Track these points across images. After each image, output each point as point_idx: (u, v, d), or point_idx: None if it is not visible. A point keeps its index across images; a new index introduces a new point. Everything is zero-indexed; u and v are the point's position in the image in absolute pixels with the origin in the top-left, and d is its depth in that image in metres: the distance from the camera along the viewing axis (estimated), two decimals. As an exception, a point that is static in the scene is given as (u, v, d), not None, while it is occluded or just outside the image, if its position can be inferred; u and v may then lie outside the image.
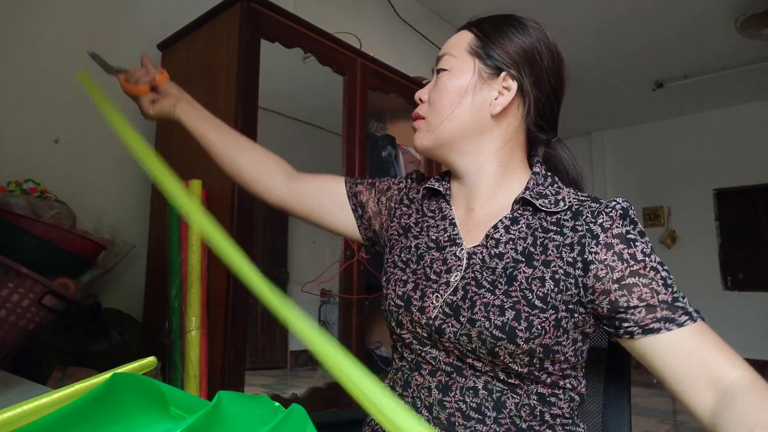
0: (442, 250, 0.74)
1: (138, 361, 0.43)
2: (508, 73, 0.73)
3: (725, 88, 4.73)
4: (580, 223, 0.68)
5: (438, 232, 0.77)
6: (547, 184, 0.74)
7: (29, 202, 1.38)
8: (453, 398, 0.67)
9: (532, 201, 0.71)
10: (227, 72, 1.52)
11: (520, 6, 3.36)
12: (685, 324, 0.60)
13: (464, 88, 0.73)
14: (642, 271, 0.63)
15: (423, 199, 0.84)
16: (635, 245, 0.65)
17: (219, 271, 1.44)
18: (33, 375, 1.17)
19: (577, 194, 0.73)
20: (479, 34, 0.76)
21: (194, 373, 1.35)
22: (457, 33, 0.79)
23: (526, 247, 0.69)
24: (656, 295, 0.62)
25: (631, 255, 0.64)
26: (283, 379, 2.29)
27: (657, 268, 0.64)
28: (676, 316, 0.61)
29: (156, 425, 0.31)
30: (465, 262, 0.71)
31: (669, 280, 0.64)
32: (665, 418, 3.37)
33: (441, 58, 0.77)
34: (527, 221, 0.71)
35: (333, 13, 2.63)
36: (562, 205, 0.70)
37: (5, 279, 1.25)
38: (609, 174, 5.98)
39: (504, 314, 0.64)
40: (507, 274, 0.67)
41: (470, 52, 0.75)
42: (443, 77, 0.75)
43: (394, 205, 0.86)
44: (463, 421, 0.66)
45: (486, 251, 0.70)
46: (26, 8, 1.67)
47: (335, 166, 1.89)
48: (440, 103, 0.74)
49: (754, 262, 5.05)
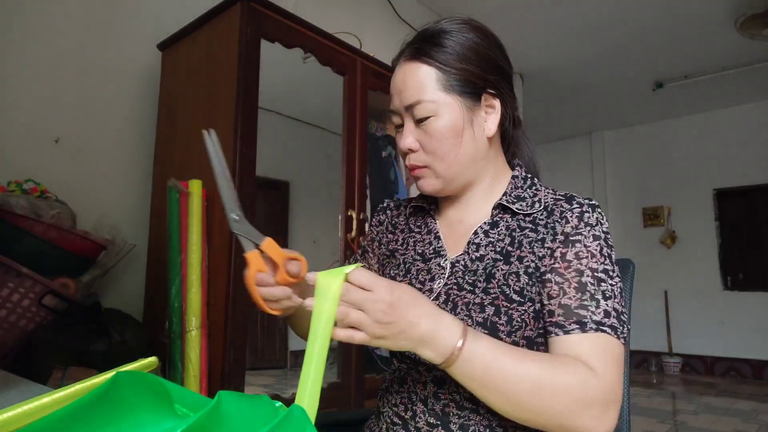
0: (428, 262, 0.77)
1: (139, 361, 0.43)
2: (487, 93, 0.74)
3: (725, 88, 4.73)
4: (551, 221, 0.71)
5: (424, 246, 0.80)
6: (526, 186, 0.77)
7: (29, 202, 1.38)
8: (447, 390, 0.68)
9: (509, 206, 0.74)
10: (227, 72, 1.52)
11: (520, 6, 3.37)
12: (571, 332, 0.63)
13: (459, 128, 0.72)
14: (562, 270, 0.67)
15: (409, 216, 0.87)
16: (574, 246, 0.68)
17: (219, 271, 1.44)
18: (33, 375, 1.17)
19: (556, 193, 0.75)
20: (441, 66, 0.71)
21: (194, 373, 1.35)
22: (411, 68, 0.72)
23: (504, 247, 0.72)
24: (562, 295, 0.65)
25: (563, 255, 0.68)
26: (283, 379, 2.29)
27: (584, 272, 0.66)
28: (567, 324, 0.64)
29: (160, 423, 0.31)
30: (448, 270, 0.74)
31: (591, 287, 0.65)
32: (665, 418, 3.37)
33: (415, 107, 0.71)
34: (506, 223, 0.74)
35: (333, 13, 2.63)
36: (538, 207, 0.73)
37: (5, 279, 1.25)
38: (609, 174, 5.98)
39: (484, 311, 0.67)
40: (486, 273, 0.70)
41: (444, 90, 0.71)
42: (432, 124, 0.71)
43: (382, 236, 0.89)
44: (457, 411, 0.67)
45: (468, 257, 0.73)
46: (26, 8, 1.67)
47: (335, 166, 1.89)
48: (442, 150, 0.72)
49: (754, 262, 5.05)
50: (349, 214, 1.83)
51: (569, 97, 4.97)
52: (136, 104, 1.91)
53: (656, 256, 5.51)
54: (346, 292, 0.54)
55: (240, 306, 1.42)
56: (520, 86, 4.33)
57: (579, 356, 0.62)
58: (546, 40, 3.81)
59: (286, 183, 2.47)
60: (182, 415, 0.32)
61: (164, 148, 1.79)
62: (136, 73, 1.92)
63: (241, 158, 1.45)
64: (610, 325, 0.63)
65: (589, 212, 0.70)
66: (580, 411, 0.58)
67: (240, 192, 1.44)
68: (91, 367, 1.26)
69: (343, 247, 1.84)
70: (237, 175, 1.43)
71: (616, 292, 0.66)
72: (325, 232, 0.90)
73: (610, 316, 0.64)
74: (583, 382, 0.58)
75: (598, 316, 0.63)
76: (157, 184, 1.78)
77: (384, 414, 0.75)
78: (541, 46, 3.90)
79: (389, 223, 0.89)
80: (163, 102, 1.83)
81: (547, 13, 3.43)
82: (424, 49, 0.72)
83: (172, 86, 1.80)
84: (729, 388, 4.45)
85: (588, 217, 0.70)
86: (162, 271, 1.55)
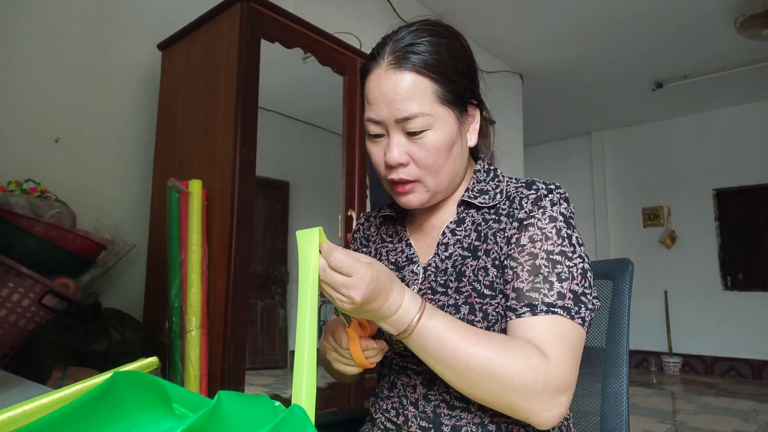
0: (401, 270, 0.77)
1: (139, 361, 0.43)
2: (471, 104, 0.74)
3: (725, 88, 4.73)
4: (511, 209, 0.71)
5: (396, 255, 0.80)
6: (489, 179, 0.77)
7: (29, 201, 1.38)
8: (437, 391, 0.69)
9: (472, 201, 0.74)
10: (227, 72, 1.52)
11: (519, 6, 3.37)
12: (522, 315, 0.63)
13: (452, 141, 0.71)
14: (516, 254, 0.67)
15: (380, 226, 0.87)
16: (527, 230, 0.68)
17: (219, 271, 1.44)
18: (33, 375, 1.17)
19: (518, 182, 0.75)
20: (435, 77, 0.68)
21: (194, 373, 1.35)
22: (405, 79, 0.68)
23: (471, 242, 0.72)
24: (515, 279, 0.66)
25: (517, 240, 0.68)
26: (283, 379, 2.29)
27: (537, 254, 0.66)
28: (518, 307, 0.64)
29: (159, 423, 0.31)
30: (421, 276, 0.74)
31: (545, 269, 0.65)
32: (665, 418, 3.37)
33: (410, 120, 0.68)
34: (472, 218, 0.74)
35: (333, 13, 2.63)
36: (499, 198, 0.73)
37: (5, 279, 1.25)
38: (609, 174, 5.98)
39: (459, 310, 0.67)
40: (456, 272, 0.70)
41: (441, 103, 0.69)
42: (427, 137, 0.69)
43: (358, 249, 0.89)
44: (448, 411, 0.67)
45: (438, 258, 0.73)
46: (26, 8, 1.67)
47: (335, 166, 1.89)
48: (436, 164, 0.70)
49: (754, 262, 5.05)
50: (349, 214, 1.83)
51: (569, 97, 4.97)
52: (136, 104, 1.91)
53: (656, 256, 5.51)
54: (329, 276, 0.56)
55: (240, 306, 1.42)
56: (520, 86, 4.33)
57: (532, 340, 0.62)
58: (546, 40, 3.81)
59: (286, 183, 2.48)
60: (181, 415, 0.32)
61: (164, 148, 1.79)
62: (136, 73, 1.92)
63: (241, 158, 1.45)
64: (563, 306, 0.62)
65: (545, 194, 0.69)
66: (529, 396, 0.58)
67: (240, 192, 1.44)
68: (91, 367, 1.26)
69: (343, 246, 1.83)
70: (237, 175, 1.44)
71: (575, 273, 0.65)
72: (325, 232, 0.90)
73: (565, 298, 0.63)
74: (533, 368, 0.59)
75: (551, 298, 0.63)
76: (157, 184, 1.78)
77: (377, 421, 0.76)
78: (540, 46, 3.90)
79: (362, 237, 0.90)
80: (163, 102, 1.83)
81: (546, 12, 3.43)
82: (413, 59, 0.68)
83: (172, 86, 1.80)
84: (728, 387, 4.45)
85: (543, 199, 0.69)
86: (162, 271, 1.55)
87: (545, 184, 0.71)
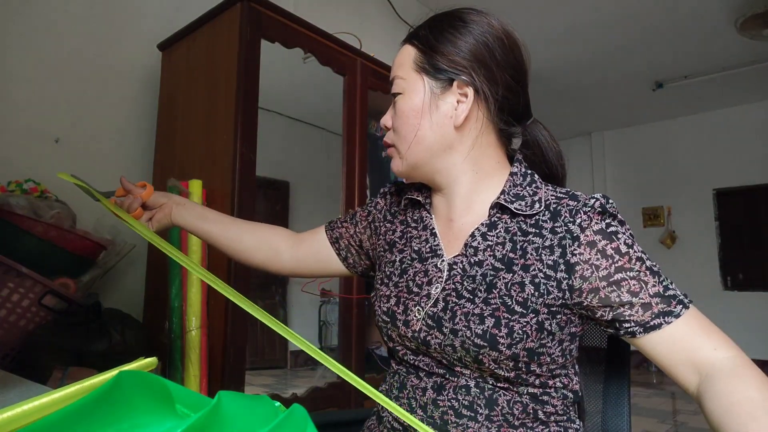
0: (424, 262, 0.74)
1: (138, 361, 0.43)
2: (460, 80, 0.70)
3: (725, 88, 4.73)
4: (559, 224, 0.67)
5: (420, 243, 0.77)
6: (525, 184, 0.72)
7: (29, 202, 1.38)
8: (446, 397, 0.67)
9: (507, 206, 0.70)
10: (227, 72, 1.52)
11: (519, 6, 3.37)
12: (681, 314, 0.62)
13: (419, 110, 0.71)
14: (627, 264, 0.64)
15: (406, 209, 0.83)
16: (617, 238, 0.65)
17: (219, 271, 1.44)
18: (33, 375, 1.17)
19: (556, 191, 0.71)
20: (422, 47, 0.72)
21: (194, 373, 1.35)
22: (401, 49, 0.76)
23: (506, 254, 0.68)
24: (645, 286, 0.64)
25: (615, 249, 0.64)
26: (283, 379, 2.29)
27: (642, 257, 0.65)
28: (672, 307, 0.63)
29: (161, 423, 0.31)
30: (446, 274, 0.70)
31: (655, 267, 0.65)
32: (665, 418, 3.37)
33: (393, 82, 0.74)
34: (505, 225, 0.70)
35: (333, 13, 2.63)
36: (538, 207, 0.69)
37: (5, 279, 1.25)
38: (609, 174, 5.98)
39: (484, 322, 0.64)
40: (486, 282, 0.67)
41: (417, 70, 0.72)
42: (399, 101, 0.73)
43: (379, 224, 0.86)
44: (456, 419, 0.66)
45: (466, 260, 0.70)
46: (26, 8, 1.67)
47: (335, 166, 1.89)
48: (403, 129, 0.72)
49: (754, 262, 5.05)
50: (349, 214, 1.83)
51: (569, 97, 4.97)
52: (136, 104, 1.91)
53: (656, 256, 5.51)
54: None
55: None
56: (520, 86, 4.32)
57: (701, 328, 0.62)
58: (546, 40, 3.81)
59: (286, 183, 2.48)
60: (182, 415, 0.32)
61: (164, 148, 1.79)
62: (136, 73, 1.92)
63: (241, 158, 1.45)
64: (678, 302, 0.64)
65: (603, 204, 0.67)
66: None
67: (240, 192, 1.44)
68: (91, 367, 1.26)
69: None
70: (237, 175, 1.43)
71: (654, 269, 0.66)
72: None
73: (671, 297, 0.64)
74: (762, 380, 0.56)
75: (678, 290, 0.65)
76: (157, 184, 1.78)
77: (384, 419, 0.75)
78: (541, 46, 3.90)
79: (387, 211, 0.86)
80: (163, 102, 1.83)
81: (546, 13, 3.43)
82: (416, 32, 0.75)
83: (172, 86, 1.80)
84: (729, 388, 4.45)
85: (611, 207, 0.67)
86: (162, 271, 1.55)
87: (593, 197, 0.68)
